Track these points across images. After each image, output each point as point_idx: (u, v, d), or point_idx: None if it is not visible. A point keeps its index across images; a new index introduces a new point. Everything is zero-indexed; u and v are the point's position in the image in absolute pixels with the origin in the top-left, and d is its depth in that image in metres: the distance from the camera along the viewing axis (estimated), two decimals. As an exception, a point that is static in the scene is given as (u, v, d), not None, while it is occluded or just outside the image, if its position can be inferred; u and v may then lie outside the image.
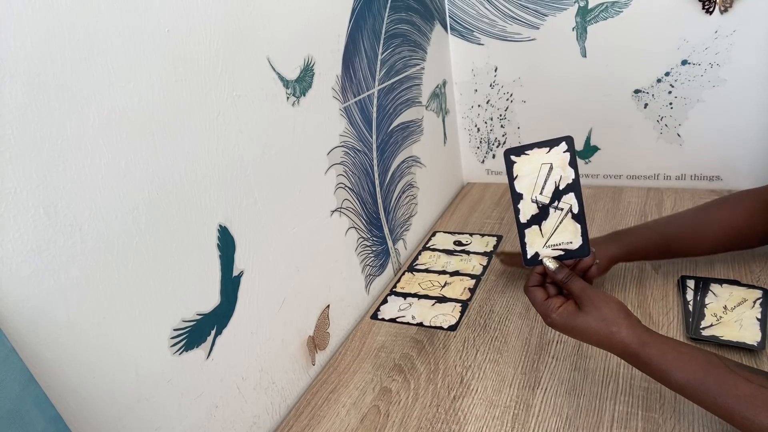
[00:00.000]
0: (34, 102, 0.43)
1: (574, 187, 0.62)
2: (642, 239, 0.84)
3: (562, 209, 0.62)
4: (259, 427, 0.72)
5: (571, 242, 0.63)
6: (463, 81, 1.28)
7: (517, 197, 0.63)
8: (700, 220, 0.84)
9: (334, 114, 0.83)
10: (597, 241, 0.84)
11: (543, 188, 0.62)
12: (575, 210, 0.62)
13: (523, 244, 0.64)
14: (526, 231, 0.64)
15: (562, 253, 0.63)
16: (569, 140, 0.61)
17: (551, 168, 0.62)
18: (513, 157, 0.63)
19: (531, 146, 0.62)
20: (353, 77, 0.86)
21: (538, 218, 0.63)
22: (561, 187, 0.62)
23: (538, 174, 0.62)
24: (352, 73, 0.86)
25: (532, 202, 0.63)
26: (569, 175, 0.62)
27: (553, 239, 0.63)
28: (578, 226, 0.62)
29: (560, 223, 0.63)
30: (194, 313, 0.60)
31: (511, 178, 0.63)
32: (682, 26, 1.05)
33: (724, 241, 0.84)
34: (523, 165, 0.63)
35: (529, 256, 0.64)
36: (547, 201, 0.63)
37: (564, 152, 0.61)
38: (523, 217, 0.64)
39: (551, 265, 0.63)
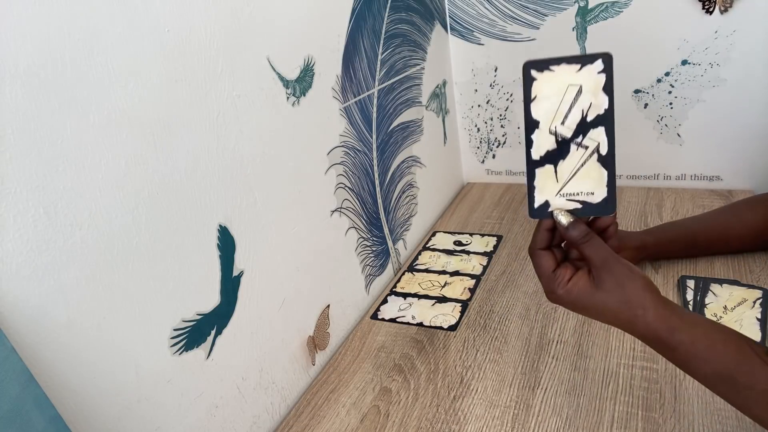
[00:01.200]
0: (34, 102, 0.43)
1: (606, 120, 0.49)
2: (670, 233, 0.90)
3: (586, 147, 0.49)
4: (259, 427, 0.72)
5: (592, 193, 0.50)
6: (463, 81, 1.28)
7: (531, 125, 0.50)
8: (726, 219, 0.89)
9: (334, 114, 0.83)
10: (626, 231, 0.90)
11: (566, 117, 0.49)
12: (603, 150, 0.49)
13: (530, 188, 0.51)
14: (537, 171, 0.50)
15: (578, 206, 0.50)
16: (607, 58, 0.48)
17: (580, 91, 0.49)
18: (534, 72, 0.49)
19: (558, 60, 0.49)
20: (353, 77, 0.87)
21: (555, 156, 0.50)
22: (589, 119, 0.49)
23: (563, 98, 0.49)
24: (352, 73, 0.86)
25: (550, 133, 0.50)
26: (602, 104, 0.48)
27: (570, 186, 0.50)
28: (604, 172, 0.49)
29: (582, 165, 0.49)
30: (194, 313, 0.60)
31: (528, 99, 0.50)
32: (682, 26, 1.05)
33: (750, 241, 0.89)
34: (544, 83, 0.49)
35: (536, 205, 0.51)
36: (569, 135, 0.49)
37: (599, 73, 0.48)
38: (536, 153, 0.50)
39: (564, 219, 0.50)
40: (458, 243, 1.11)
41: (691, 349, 0.49)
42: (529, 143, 0.50)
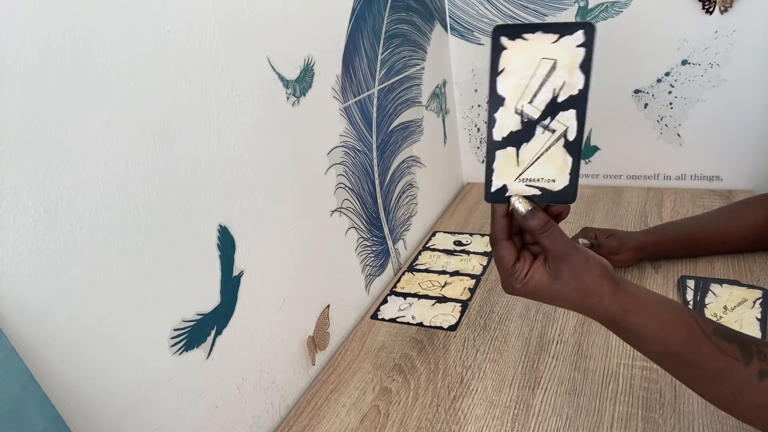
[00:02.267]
0: (34, 102, 0.43)
1: (579, 102, 0.44)
2: (669, 233, 0.91)
3: (553, 131, 0.45)
4: (259, 427, 0.72)
5: (554, 180, 0.46)
6: (463, 81, 1.28)
7: (496, 101, 0.45)
8: (726, 219, 0.89)
9: (334, 114, 0.83)
10: (626, 232, 0.91)
11: (535, 96, 0.45)
12: (571, 136, 0.45)
13: (489, 171, 0.47)
14: (498, 153, 0.46)
15: (537, 192, 0.47)
16: (589, 30, 0.43)
17: (554, 67, 0.44)
18: (504, 40, 0.44)
19: (534, 28, 0.44)
20: (353, 77, 0.86)
21: (519, 138, 0.46)
22: (560, 99, 0.44)
23: (534, 72, 0.44)
24: (352, 73, 0.86)
25: (516, 113, 0.45)
26: (576, 83, 0.44)
27: (530, 171, 0.46)
28: (569, 159, 0.46)
29: (546, 149, 0.46)
30: (194, 313, 0.60)
31: (495, 71, 0.45)
32: (682, 26, 1.05)
33: (750, 241, 0.89)
34: (515, 54, 0.44)
35: (493, 189, 0.48)
36: (536, 116, 0.45)
37: (578, 47, 0.44)
38: (498, 133, 0.46)
39: (521, 207, 0.47)
40: (458, 243, 1.11)
41: (643, 331, 0.49)
42: (491, 122, 0.46)
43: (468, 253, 1.07)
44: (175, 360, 0.58)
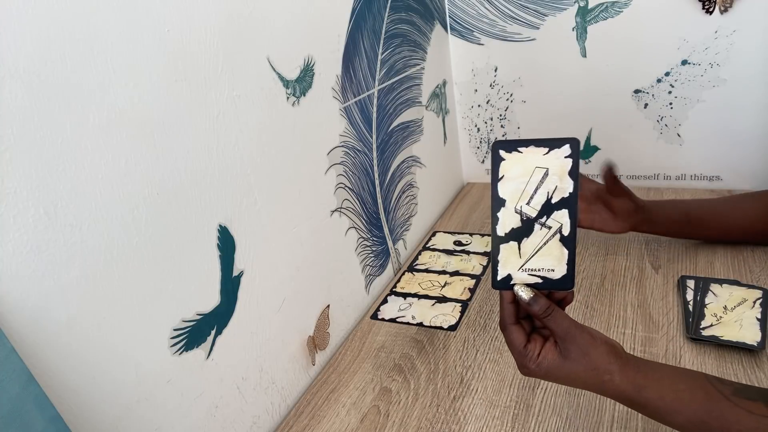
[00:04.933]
0: (34, 102, 0.43)
1: (570, 203, 0.51)
2: (667, 205, 0.91)
3: (549, 227, 0.52)
4: (259, 427, 0.72)
5: (553, 270, 0.52)
6: (463, 81, 1.29)
7: (498, 203, 0.53)
8: (726, 208, 0.90)
9: (334, 114, 0.83)
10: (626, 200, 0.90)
11: (531, 198, 0.52)
12: (565, 232, 0.51)
13: (494, 262, 0.54)
14: (502, 246, 0.53)
15: (539, 280, 0.53)
16: (574, 144, 0.50)
17: (546, 174, 0.51)
18: (502, 153, 0.52)
19: (527, 143, 0.51)
20: (353, 77, 0.87)
21: (519, 234, 0.52)
22: (554, 201, 0.51)
23: (530, 179, 0.52)
24: (352, 73, 0.86)
25: (516, 212, 0.52)
26: (566, 187, 0.51)
27: (532, 262, 0.53)
28: (566, 251, 0.52)
29: (544, 244, 0.52)
30: (194, 313, 0.60)
31: (496, 178, 0.52)
32: (682, 26, 1.05)
33: (750, 229, 0.89)
34: (512, 164, 0.52)
35: (499, 278, 0.54)
36: (533, 214, 0.52)
37: (566, 158, 0.51)
38: (501, 229, 0.53)
39: (524, 294, 0.52)
40: (458, 243, 1.11)
41: (660, 404, 0.51)
42: (494, 220, 0.53)
43: (468, 253, 1.07)
44: (175, 360, 0.58)
